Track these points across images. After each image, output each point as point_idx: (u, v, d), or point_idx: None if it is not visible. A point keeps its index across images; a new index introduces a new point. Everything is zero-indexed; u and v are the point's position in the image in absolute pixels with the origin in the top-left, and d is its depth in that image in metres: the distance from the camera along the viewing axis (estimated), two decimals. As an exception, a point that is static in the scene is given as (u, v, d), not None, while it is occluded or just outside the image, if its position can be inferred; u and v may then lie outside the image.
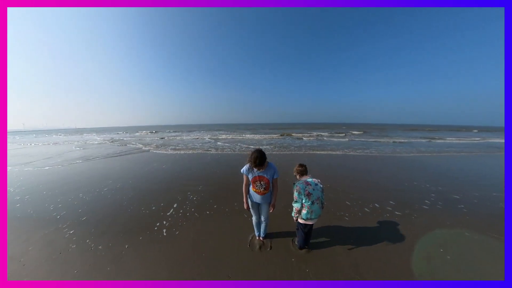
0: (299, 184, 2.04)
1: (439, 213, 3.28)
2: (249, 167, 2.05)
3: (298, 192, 2.00)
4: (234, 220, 3.07)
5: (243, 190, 2.21)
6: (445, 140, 16.22)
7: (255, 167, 1.95)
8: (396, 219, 3.07)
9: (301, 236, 2.22)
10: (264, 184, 2.05)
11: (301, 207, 2.04)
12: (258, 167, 1.95)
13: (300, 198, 2.01)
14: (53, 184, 5.19)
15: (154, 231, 2.79)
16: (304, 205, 2.02)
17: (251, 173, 2.07)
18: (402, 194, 4.13)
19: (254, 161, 1.91)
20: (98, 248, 2.49)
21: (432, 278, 1.91)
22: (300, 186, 2.01)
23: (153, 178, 5.53)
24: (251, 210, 2.30)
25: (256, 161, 1.90)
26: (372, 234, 2.66)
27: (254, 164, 1.93)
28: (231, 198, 3.96)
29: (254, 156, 1.92)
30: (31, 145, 16.86)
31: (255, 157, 1.91)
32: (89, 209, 3.62)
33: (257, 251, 2.30)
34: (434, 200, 3.86)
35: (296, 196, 2.03)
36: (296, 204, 2.07)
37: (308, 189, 1.98)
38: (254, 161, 1.91)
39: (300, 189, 1.99)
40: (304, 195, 1.97)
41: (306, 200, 1.99)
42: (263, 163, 1.93)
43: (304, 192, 1.97)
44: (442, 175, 5.63)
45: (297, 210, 2.07)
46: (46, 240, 2.71)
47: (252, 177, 2.07)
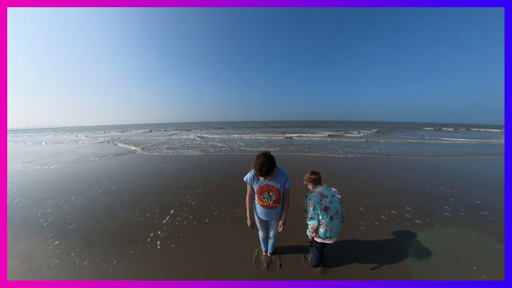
0: (313, 197, 1.69)
1: (464, 222, 2.95)
2: (253, 174, 1.64)
3: (313, 207, 1.66)
4: (237, 230, 2.75)
5: (247, 203, 1.81)
6: (454, 140, 15.81)
7: (262, 175, 1.53)
8: (417, 229, 2.75)
9: (315, 254, 1.90)
10: (274, 196, 1.65)
11: (318, 225, 1.71)
12: (266, 176, 1.55)
13: (316, 214, 1.68)
14: (46, 186, 4.89)
15: (147, 243, 2.49)
16: (322, 222, 1.68)
17: (257, 183, 1.65)
18: (418, 199, 3.81)
19: (260, 168, 1.48)
20: (83, 264, 2.19)
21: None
22: (315, 199, 1.67)
23: (151, 180, 5.22)
24: (257, 226, 1.95)
25: (262, 168, 1.48)
26: (394, 248, 2.34)
27: (260, 172, 1.50)
28: (233, 203, 3.64)
29: (260, 161, 1.49)
30: (27, 144, 16.61)
31: (261, 162, 1.49)
32: (79, 215, 3.33)
33: (265, 269, 1.99)
34: (455, 206, 3.54)
35: (310, 212, 1.69)
36: (312, 222, 1.72)
37: (324, 202, 1.65)
38: (260, 167, 1.48)
39: (315, 202, 1.66)
40: (321, 210, 1.64)
41: (323, 216, 1.66)
42: (271, 170, 1.51)
43: (320, 206, 1.64)
44: (457, 177, 5.29)
45: (313, 228, 1.73)
46: (27, 253, 2.41)
47: (258, 187, 1.65)
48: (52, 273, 2.09)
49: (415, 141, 14.08)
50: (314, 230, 1.73)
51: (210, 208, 3.46)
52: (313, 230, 1.73)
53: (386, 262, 2.09)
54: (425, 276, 1.91)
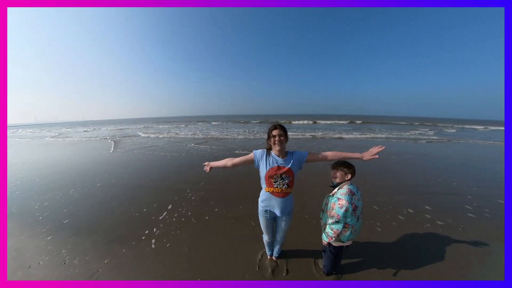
0: (343, 196, 1.36)
1: (491, 224, 2.62)
2: (264, 152, 1.45)
3: (345, 209, 1.34)
4: (238, 229, 2.52)
5: (231, 159, 1.57)
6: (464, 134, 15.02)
7: (276, 128, 1.38)
8: (440, 231, 2.46)
9: (329, 259, 1.65)
10: (287, 179, 1.40)
11: (343, 229, 1.42)
12: (279, 144, 1.36)
13: (344, 217, 1.38)
14: (48, 178, 4.82)
15: (142, 241, 2.30)
16: (348, 225, 1.41)
17: (266, 162, 1.40)
18: (437, 197, 3.48)
19: (274, 128, 1.39)
20: (72, 263, 2.03)
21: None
22: (346, 198, 1.35)
23: (151, 173, 5.05)
24: (261, 227, 1.70)
25: (276, 125, 1.40)
26: (415, 252, 2.06)
27: (274, 127, 1.40)
28: (235, 199, 3.42)
29: (272, 128, 1.41)
30: (33, 139, 16.91)
31: (273, 125, 1.42)
32: (75, 209, 3.19)
33: (269, 275, 1.76)
34: (478, 205, 3.20)
35: (339, 215, 1.37)
36: (337, 226, 1.41)
37: (354, 201, 1.37)
38: (274, 126, 1.40)
39: (348, 203, 1.34)
40: (351, 211, 1.36)
41: (352, 217, 1.38)
42: (284, 129, 1.41)
43: (351, 206, 1.34)
44: (476, 174, 4.89)
45: (336, 233, 1.43)
46: (19, 249, 2.29)
47: (267, 169, 1.39)
48: (41, 271, 1.95)
49: (426, 137, 13.41)
50: (336, 235, 1.44)
51: (210, 204, 3.25)
52: (335, 235, 1.43)
53: (408, 266, 1.83)
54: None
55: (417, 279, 1.73)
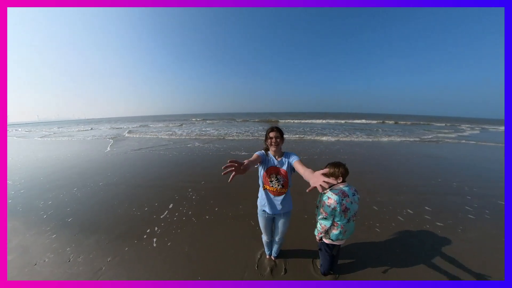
0: (333, 196, 1.40)
1: (491, 226, 2.62)
2: (263, 152, 1.52)
3: (333, 208, 1.39)
4: (238, 229, 2.56)
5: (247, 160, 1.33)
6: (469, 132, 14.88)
7: (272, 131, 1.46)
8: (439, 232, 2.47)
9: (325, 258, 1.68)
10: (281, 179, 1.46)
11: (331, 226, 1.48)
12: (275, 145, 1.44)
13: (332, 215, 1.43)
14: (52, 176, 4.91)
15: (143, 240, 2.35)
16: (337, 224, 1.45)
17: (265, 162, 1.49)
18: (436, 198, 3.48)
19: (270, 130, 1.47)
20: (77, 260, 2.09)
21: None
22: (336, 198, 1.39)
23: (153, 171, 5.10)
24: (260, 227, 1.74)
25: (273, 127, 1.48)
26: (414, 253, 2.08)
27: (271, 129, 1.47)
28: (235, 198, 3.45)
29: (269, 130, 1.48)
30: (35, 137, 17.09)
31: (270, 127, 1.50)
32: (78, 208, 3.26)
33: (268, 275, 1.80)
34: (478, 206, 3.20)
35: (326, 212, 1.43)
36: (324, 222, 1.48)
37: (345, 202, 1.39)
38: (271, 129, 1.48)
39: (336, 203, 1.38)
40: (340, 211, 1.40)
41: (341, 217, 1.42)
42: (280, 130, 1.48)
43: (340, 207, 1.38)
44: (477, 174, 4.86)
45: (324, 229, 1.50)
46: (24, 247, 2.35)
47: (266, 168, 1.48)
48: (46, 268, 2.01)
49: (429, 137, 13.31)
50: (324, 231, 1.50)
51: (210, 203, 3.29)
52: (323, 230, 1.50)
53: (407, 268, 1.85)
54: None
55: (416, 279, 1.75)
